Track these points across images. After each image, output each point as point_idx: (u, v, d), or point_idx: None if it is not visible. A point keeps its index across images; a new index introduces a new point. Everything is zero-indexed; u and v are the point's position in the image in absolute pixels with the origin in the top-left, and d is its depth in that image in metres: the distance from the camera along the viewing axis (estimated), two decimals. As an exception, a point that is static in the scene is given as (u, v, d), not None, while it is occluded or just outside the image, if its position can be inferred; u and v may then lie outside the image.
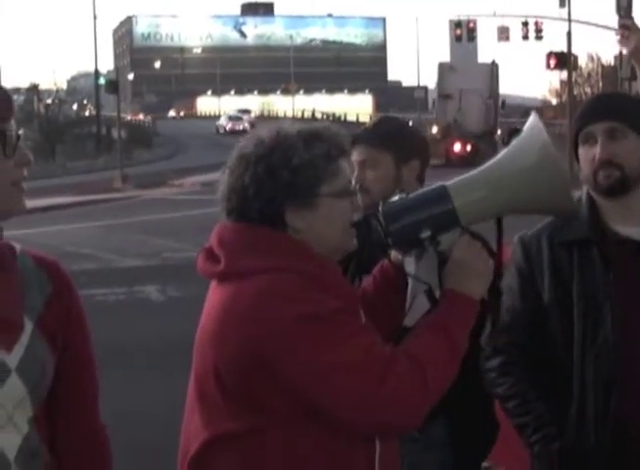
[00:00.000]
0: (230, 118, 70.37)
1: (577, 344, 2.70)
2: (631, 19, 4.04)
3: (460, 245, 2.25)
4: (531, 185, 2.26)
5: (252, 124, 62.27)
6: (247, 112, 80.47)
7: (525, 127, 2.34)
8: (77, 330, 2.13)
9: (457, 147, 35.27)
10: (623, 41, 3.43)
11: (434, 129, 37.16)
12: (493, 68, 37.76)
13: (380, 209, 2.29)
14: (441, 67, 38.16)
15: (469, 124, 36.02)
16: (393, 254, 2.37)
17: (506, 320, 2.72)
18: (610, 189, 2.72)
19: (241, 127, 62.54)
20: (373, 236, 2.29)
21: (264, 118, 75.67)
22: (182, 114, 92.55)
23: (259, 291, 2.15)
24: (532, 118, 2.33)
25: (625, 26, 3.43)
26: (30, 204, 2.05)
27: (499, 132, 36.64)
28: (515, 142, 2.33)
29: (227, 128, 66.59)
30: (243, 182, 2.24)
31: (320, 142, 2.25)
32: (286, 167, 2.21)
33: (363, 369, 2.11)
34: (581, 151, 2.77)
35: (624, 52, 3.52)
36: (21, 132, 2.03)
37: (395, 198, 2.31)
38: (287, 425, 2.17)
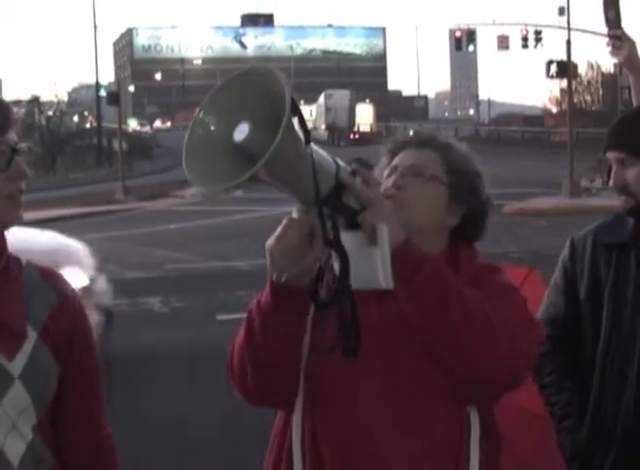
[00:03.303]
0: (139, 124, 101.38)
1: (603, 342, 2.77)
2: (621, 29, 3.95)
3: None
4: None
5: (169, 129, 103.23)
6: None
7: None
8: (82, 341, 2.15)
9: (352, 135, 65.73)
10: (615, 51, 3.42)
11: (323, 127, 67.48)
12: (351, 94, 70.47)
13: None
14: (325, 94, 70.19)
15: (340, 124, 66.92)
16: None
17: (549, 315, 2.88)
18: (630, 213, 2.77)
19: (145, 130, 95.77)
20: None
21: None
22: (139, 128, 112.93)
23: None
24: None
25: (616, 37, 3.42)
26: (32, 216, 2.04)
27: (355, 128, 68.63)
28: None
29: (137, 130, 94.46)
30: None
31: None
32: None
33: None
34: None
35: (617, 62, 3.50)
36: (20, 146, 2.03)
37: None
38: None
